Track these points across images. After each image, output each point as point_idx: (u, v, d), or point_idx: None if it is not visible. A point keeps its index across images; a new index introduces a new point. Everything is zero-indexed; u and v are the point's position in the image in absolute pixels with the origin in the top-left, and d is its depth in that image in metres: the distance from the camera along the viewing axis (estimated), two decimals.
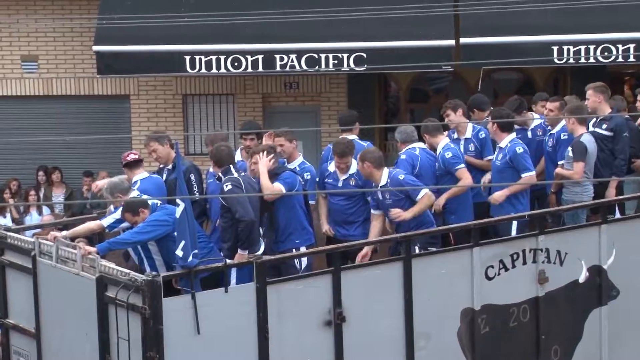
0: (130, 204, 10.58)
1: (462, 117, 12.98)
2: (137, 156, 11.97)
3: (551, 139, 12.85)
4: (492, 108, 13.47)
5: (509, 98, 14.29)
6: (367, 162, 11.52)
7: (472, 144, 12.87)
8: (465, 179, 12.11)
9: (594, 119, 12.80)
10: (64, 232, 10.61)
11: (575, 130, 12.32)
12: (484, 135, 12.85)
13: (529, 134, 13.33)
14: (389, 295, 10.22)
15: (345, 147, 11.78)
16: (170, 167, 11.92)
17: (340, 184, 11.75)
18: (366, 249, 11.16)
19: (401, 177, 11.50)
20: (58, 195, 19.71)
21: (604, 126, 12.67)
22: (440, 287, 10.42)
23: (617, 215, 12.04)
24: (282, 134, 12.30)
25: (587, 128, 12.58)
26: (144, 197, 10.91)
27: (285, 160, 12.10)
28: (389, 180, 11.46)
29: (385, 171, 11.59)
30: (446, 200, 11.97)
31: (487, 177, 12.53)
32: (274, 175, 11.25)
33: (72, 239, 10.65)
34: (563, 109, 12.89)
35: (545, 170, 12.96)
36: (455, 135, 12.93)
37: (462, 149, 12.59)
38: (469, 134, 12.90)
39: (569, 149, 12.20)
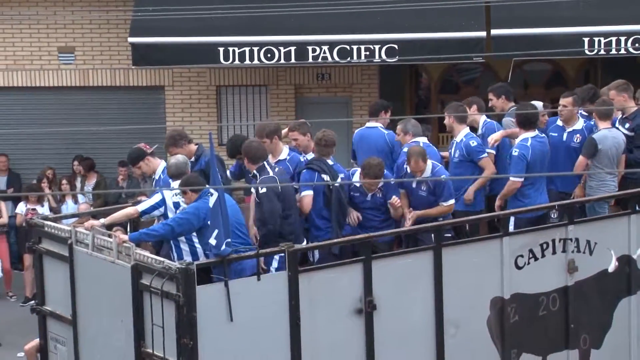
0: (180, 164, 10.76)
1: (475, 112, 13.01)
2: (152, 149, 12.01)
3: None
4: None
5: (583, 86, 14.10)
6: (415, 156, 11.55)
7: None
8: (489, 168, 12.12)
9: (619, 118, 12.71)
10: (102, 220, 10.64)
11: (597, 125, 12.27)
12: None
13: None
14: (419, 284, 10.24)
15: (378, 169, 11.46)
16: (193, 159, 11.86)
17: (368, 198, 11.55)
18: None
19: (443, 177, 11.56)
20: (91, 184, 19.81)
21: (627, 125, 12.55)
22: (470, 276, 10.44)
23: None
24: (295, 128, 12.28)
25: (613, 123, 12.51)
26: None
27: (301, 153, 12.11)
28: (431, 175, 11.55)
29: (429, 164, 11.64)
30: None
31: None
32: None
33: (110, 226, 10.70)
34: (576, 104, 12.79)
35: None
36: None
37: None
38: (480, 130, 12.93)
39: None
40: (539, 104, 13.57)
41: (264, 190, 10.84)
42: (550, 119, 13.10)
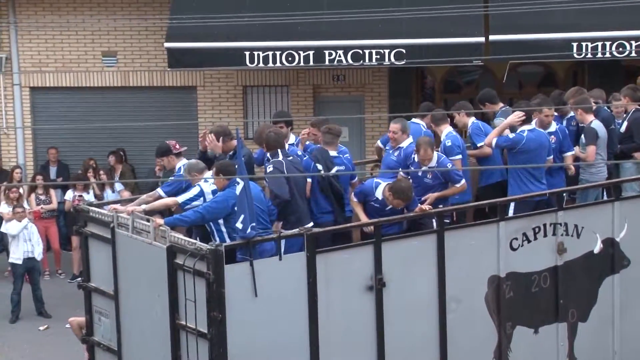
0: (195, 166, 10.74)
1: (465, 118, 12.86)
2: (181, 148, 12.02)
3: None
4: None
5: (553, 93, 13.95)
6: (424, 146, 11.52)
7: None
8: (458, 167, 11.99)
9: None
10: (144, 206, 10.64)
11: (585, 119, 12.22)
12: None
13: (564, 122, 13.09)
14: (424, 264, 10.24)
15: (408, 192, 11.03)
16: (231, 153, 11.83)
17: (387, 209, 11.08)
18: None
19: (449, 165, 11.52)
20: (117, 174, 19.82)
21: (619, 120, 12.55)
22: (469, 256, 10.43)
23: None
24: (315, 124, 12.24)
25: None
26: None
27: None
28: (437, 164, 11.48)
29: (435, 154, 11.60)
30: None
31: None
32: None
33: (149, 213, 10.69)
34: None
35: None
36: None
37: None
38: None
39: (582, 135, 12.11)
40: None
41: (270, 169, 10.87)
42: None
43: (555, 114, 12.57)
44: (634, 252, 11.16)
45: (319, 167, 11.49)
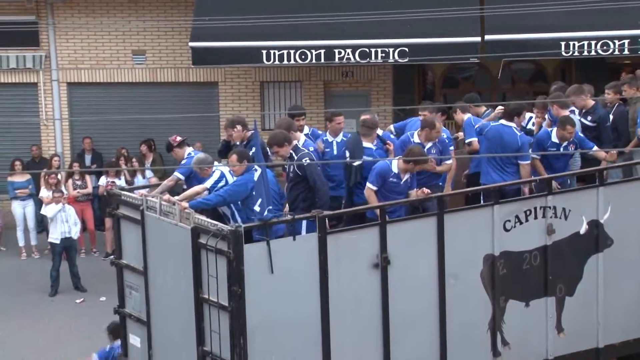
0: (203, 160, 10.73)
1: (460, 115, 12.73)
2: (182, 138, 12.01)
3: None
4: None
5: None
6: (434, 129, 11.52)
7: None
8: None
9: (579, 112, 12.52)
10: (176, 198, 10.47)
11: (560, 112, 12.10)
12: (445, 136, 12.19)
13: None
14: (425, 244, 10.21)
15: (418, 155, 11.05)
16: (245, 142, 11.80)
17: (401, 183, 11.00)
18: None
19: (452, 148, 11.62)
20: (148, 162, 19.88)
21: (589, 118, 12.39)
22: (466, 237, 10.40)
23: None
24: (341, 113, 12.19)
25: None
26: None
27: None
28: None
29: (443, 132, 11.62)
30: None
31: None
32: None
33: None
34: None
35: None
36: None
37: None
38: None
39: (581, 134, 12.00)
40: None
41: (307, 160, 10.70)
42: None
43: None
44: (617, 232, 11.11)
45: (347, 153, 11.50)
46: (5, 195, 19.90)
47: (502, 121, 11.94)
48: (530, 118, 12.73)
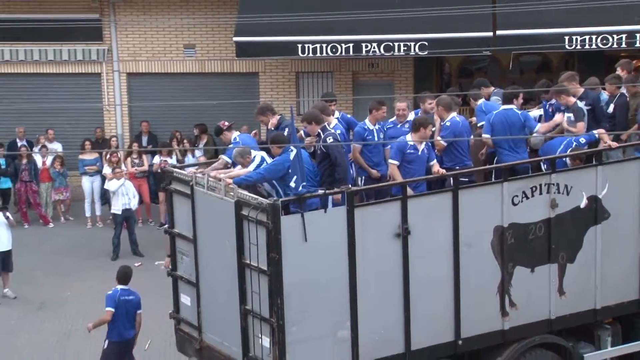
0: (241, 152, 10.64)
1: (472, 103, 12.59)
2: (229, 124, 11.92)
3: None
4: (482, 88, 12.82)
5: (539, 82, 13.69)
6: (440, 105, 11.39)
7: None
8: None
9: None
10: (221, 175, 10.44)
11: (569, 101, 11.97)
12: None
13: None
14: (442, 216, 10.15)
15: (424, 120, 11.09)
16: (274, 127, 11.78)
17: (419, 153, 10.98)
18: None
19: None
20: (202, 143, 19.93)
21: (584, 102, 12.22)
22: (479, 210, 10.32)
23: None
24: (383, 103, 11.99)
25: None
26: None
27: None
28: (448, 124, 11.37)
29: (452, 114, 11.46)
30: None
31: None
32: None
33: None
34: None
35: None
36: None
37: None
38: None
39: (571, 114, 11.83)
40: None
41: (331, 139, 10.71)
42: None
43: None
44: (613, 207, 11.00)
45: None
46: (75, 171, 20.07)
47: (503, 106, 11.83)
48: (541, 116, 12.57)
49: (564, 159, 11.28)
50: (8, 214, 15.68)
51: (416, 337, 10.02)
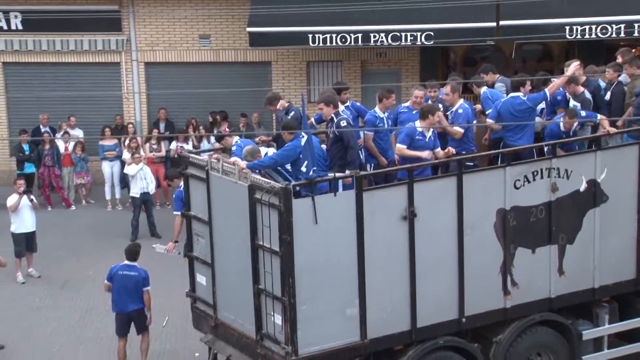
0: (251, 151, 10.60)
1: (476, 89, 12.48)
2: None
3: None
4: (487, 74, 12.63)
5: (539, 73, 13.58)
6: (456, 92, 11.33)
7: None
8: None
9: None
10: (233, 158, 10.43)
11: (578, 90, 11.92)
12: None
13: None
14: (447, 199, 10.13)
15: (429, 107, 11.12)
16: (285, 112, 11.77)
17: (427, 140, 10.98)
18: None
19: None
20: (222, 129, 19.97)
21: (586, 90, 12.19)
22: (482, 193, 10.30)
23: None
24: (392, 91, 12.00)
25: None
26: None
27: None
28: (461, 111, 11.37)
29: (461, 100, 11.46)
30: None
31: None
32: None
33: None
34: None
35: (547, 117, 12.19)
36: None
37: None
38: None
39: (579, 103, 11.76)
40: None
41: (344, 123, 10.72)
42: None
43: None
44: (611, 190, 10.97)
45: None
46: (96, 156, 20.13)
47: (511, 94, 11.77)
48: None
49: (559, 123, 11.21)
50: (32, 197, 15.74)
51: (422, 314, 10.03)
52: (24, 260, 15.73)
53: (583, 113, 11.57)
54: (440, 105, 11.83)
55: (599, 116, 11.57)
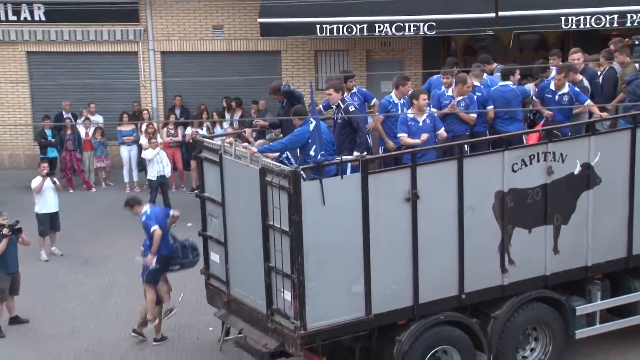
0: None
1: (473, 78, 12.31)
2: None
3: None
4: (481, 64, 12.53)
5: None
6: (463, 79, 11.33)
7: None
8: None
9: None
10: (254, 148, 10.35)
11: (577, 78, 11.83)
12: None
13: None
14: (448, 182, 10.11)
15: (416, 93, 11.08)
16: (285, 101, 11.74)
17: (420, 124, 10.88)
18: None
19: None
20: (237, 115, 19.94)
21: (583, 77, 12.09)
22: (481, 176, 10.27)
23: None
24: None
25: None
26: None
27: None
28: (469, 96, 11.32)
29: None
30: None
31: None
32: None
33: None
34: None
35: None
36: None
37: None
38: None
39: (577, 89, 11.69)
40: None
41: (353, 108, 10.71)
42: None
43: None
44: (604, 173, 10.92)
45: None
46: (115, 141, 20.14)
47: (501, 83, 11.71)
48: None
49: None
50: (55, 179, 15.77)
51: (423, 291, 10.03)
52: (47, 239, 15.78)
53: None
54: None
55: (588, 102, 11.50)
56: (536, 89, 12.16)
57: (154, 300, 12.04)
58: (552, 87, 11.66)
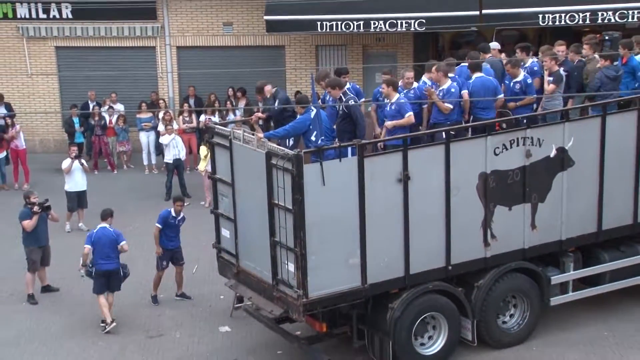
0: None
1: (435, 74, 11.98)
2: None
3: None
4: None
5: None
6: (441, 71, 11.06)
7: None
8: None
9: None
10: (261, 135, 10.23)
11: (553, 67, 11.74)
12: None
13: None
14: (437, 164, 10.06)
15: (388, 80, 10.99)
16: (267, 96, 11.59)
17: (387, 109, 10.75)
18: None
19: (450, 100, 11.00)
20: (242, 104, 19.87)
21: (562, 69, 11.96)
22: (466, 159, 10.22)
23: None
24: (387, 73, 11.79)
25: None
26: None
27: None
28: (453, 90, 10.97)
29: (449, 81, 11.07)
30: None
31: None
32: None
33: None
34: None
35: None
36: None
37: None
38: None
39: (551, 77, 11.58)
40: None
41: (351, 101, 10.60)
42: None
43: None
44: (577, 156, 10.87)
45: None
46: (135, 127, 20.10)
47: (476, 74, 11.45)
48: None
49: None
50: (83, 161, 15.84)
51: (414, 263, 10.01)
52: (75, 215, 15.79)
53: (529, 80, 11.32)
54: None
55: (547, 89, 11.36)
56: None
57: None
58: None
